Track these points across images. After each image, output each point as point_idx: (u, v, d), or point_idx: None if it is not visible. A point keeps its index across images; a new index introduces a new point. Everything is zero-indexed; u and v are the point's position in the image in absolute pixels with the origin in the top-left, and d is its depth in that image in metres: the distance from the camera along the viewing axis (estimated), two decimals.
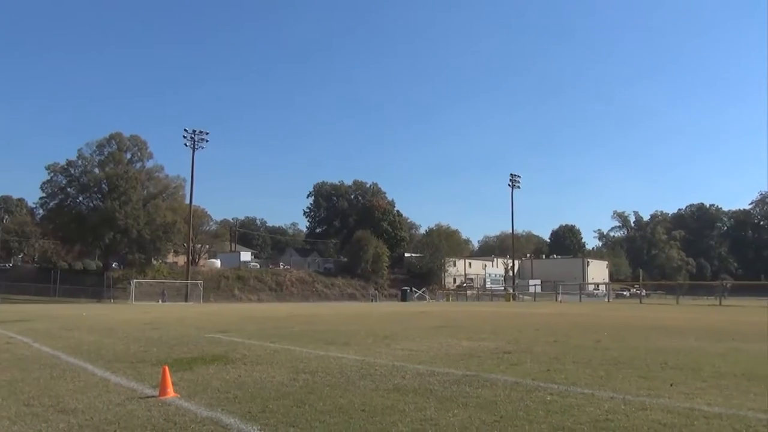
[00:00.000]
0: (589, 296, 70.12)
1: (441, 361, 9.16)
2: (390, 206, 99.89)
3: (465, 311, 30.77)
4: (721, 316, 24.22)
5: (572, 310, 31.72)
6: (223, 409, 5.68)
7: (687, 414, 5.32)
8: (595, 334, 14.01)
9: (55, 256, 74.56)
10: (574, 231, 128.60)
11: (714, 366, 8.37)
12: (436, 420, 5.14)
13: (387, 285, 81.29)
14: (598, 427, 4.88)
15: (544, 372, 7.87)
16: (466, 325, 18.38)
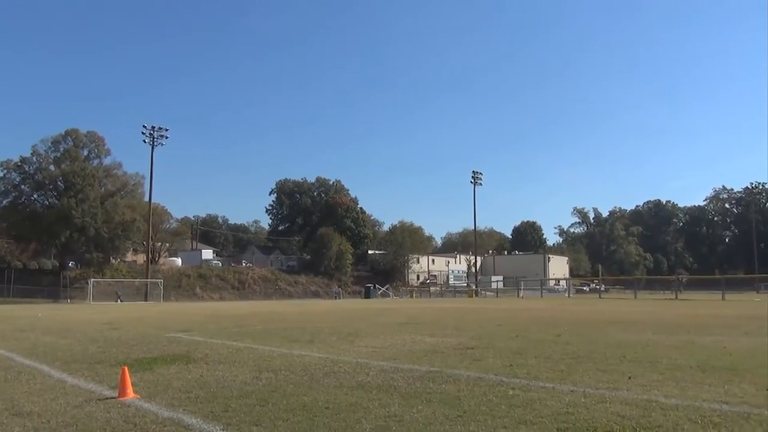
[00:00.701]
0: (550, 292, 71.20)
1: (405, 357, 9.19)
2: (353, 203, 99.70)
3: (428, 308, 30.95)
4: (677, 310, 24.84)
5: (534, 306, 32.17)
6: (184, 409, 5.60)
7: (645, 406, 5.45)
8: (555, 329, 14.24)
9: (8, 255, 72.46)
10: (536, 227, 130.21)
11: (670, 358, 8.59)
12: (400, 416, 5.15)
13: (350, 282, 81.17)
14: (559, 420, 4.95)
15: (507, 367, 7.97)
16: (429, 321, 18.48)
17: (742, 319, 18.37)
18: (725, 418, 4.95)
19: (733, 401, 5.60)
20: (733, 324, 15.96)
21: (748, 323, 16.25)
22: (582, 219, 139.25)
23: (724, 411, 5.20)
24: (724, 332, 13.19)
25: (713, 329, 14.14)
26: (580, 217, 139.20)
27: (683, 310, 24.40)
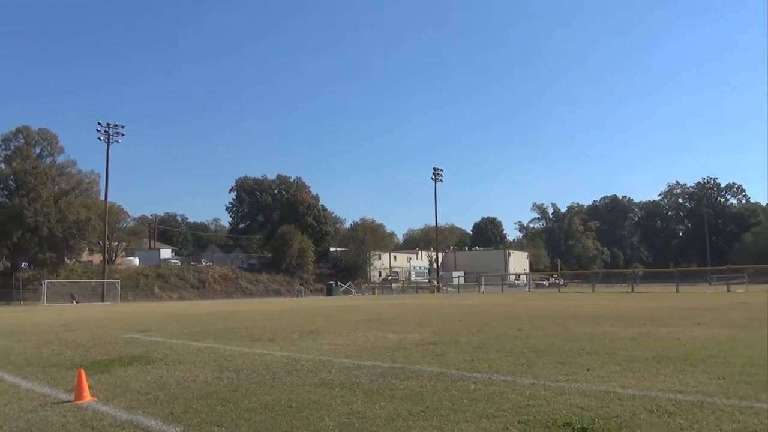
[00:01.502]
0: (511, 286, 72.11)
1: (367, 354, 9.20)
2: (314, 201, 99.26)
3: (390, 304, 31.02)
4: (633, 303, 25.42)
5: (494, 301, 32.54)
6: (143, 411, 5.50)
7: (603, 397, 5.56)
8: (516, 324, 14.42)
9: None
10: (496, 223, 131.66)
11: (627, 350, 8.78)
12: (363, 413, 5.15)
13: (312, 280, 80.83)
14: (520, 413, 5.02)
15: (468, 362, 8.04)
16: (391, 317, 18.53)
17: (695, 310, 18.89)
18: (680, 407, 5.08)
19: (687, 390, 5.76)
20: (687, 315, 16.41)
21: (701, 314, 16.72)
22: (541, 214, 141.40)
23: (679, 400, 5.34)
24: (678, 324, 13.54)
25: (668, 321, 14.50)
26: (540, 213, 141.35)
27: (639, 303, 24.98)
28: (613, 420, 4.69)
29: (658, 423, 4.58)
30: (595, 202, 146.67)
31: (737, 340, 9.78)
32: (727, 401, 5.26)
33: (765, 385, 5.92)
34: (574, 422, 4.61)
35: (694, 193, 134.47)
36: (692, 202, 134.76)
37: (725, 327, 12.49)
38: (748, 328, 12.24)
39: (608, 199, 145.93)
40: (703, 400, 5.30)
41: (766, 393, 5.55)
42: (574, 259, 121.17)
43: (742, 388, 5.79)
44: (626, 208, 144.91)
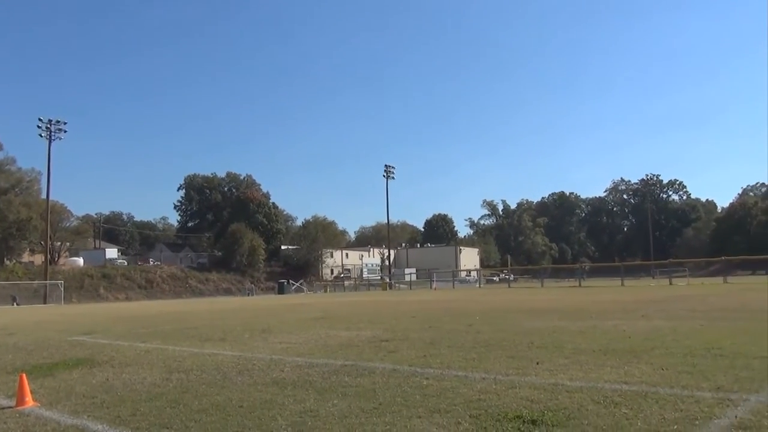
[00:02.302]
0: (462, 282, 72.91)
1: (319, 352, 9.17)
2: (265, 198, 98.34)
3: (342, 302, 30.98)
4: (580, 297, 26.02)
5: (446, 297, 32.84)
6: (89, 415, 5.35)
7: (551, 389, 5.67)
8: (467, 319, 14.58)
9: None
10: (447, 220, 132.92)
11: (575, 343, 8.98)
12: (315, 411, 5.13)
13: (264, 278, 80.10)
14: (472, 407, 5.08)
15: (421, 358, 8.09)
16: (343, 315, 18.51)
17: (639, 303, 19.44)
18: (625, 397, 5.22)
19: (632, 381, 5.92)
20: (632, 308, 16.87)
21: (645, 307, 17.21)
22: (491, 211, 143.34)
23: (624, 391, 5.48)
24: (623, 317, 13.91)
25: (613, 314, 14.89)
26: (490, 210, 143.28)
27: (586, 297, 25.59)
28: (562, 412, 4.79)
29: (605, 413, 4.70)
30: (543, 199, 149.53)
31: (679, 332, 10.11)
32: (670, 391, 5.43)
33: (705, 374, 6.13)
34: (524, 415, 4.68)
35: (638, 190, 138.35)
36: (636, 198, 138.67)
37: (668, 319, 12.90)
38: (689, 319, 12.66)
39: (556, 196, 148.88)
40: (647, 390, 5.46)
41: (706, 382, 5.75)
42: (524, 254, 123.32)
43: (683, 378, 5.99)
44: (573, 205, 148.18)
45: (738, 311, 14.65)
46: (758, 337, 8.94)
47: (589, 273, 66.88)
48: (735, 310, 14.97)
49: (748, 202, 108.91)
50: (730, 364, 6.65)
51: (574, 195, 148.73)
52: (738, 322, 11.78)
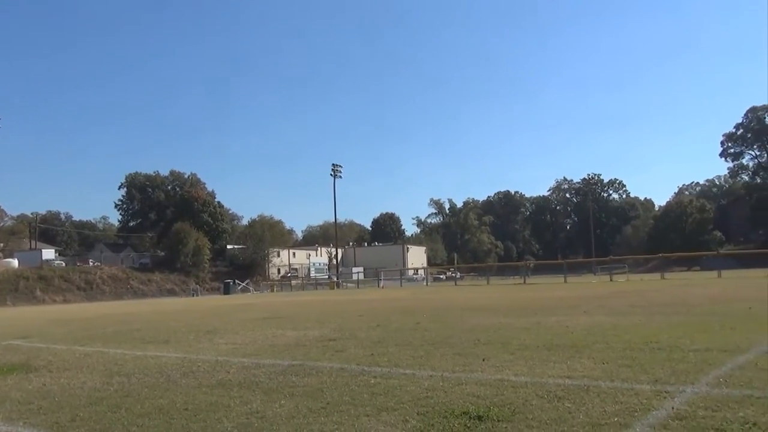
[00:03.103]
0: (409, 281, 73.34)
1: (266, 352, 9.07)
2: (210, 197, 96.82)
3: (290, 301, 30.74)
4: (525, 294, 26.49)
5: (393, 295, 32.94)
6: (25, 422, 5.16)
7: (497, 385, 5.76)
8: (415, 317, 14.65)
9: None
10: (394, 218, 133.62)
11: (520, 339, 9.13)
12: (262, 412, 5.07)
13: (209, 278, 78.80)
14: (419, 404, 5.11)
15: (368, 356, 8.09)
16: (291, 315, 18.36)
17: (581, 299, 19.92)
18: (568, 391, 5.34)
19: (575, 376, 6.06)
20: (574, 304, 17.26)
21: (586, 303, 17.63)
22: (438, 210, 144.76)
23: (567, 385, 5.61)
24: (566, 312, 14.22)
25: (557, 310, 15.20)
26: (437, 208, 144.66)
27: (531, 294, 26.06)
28: (507, 407, 4.86)
29: (549, 407, 4.79)
30: (489, 198, 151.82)
31: (619, 327, 10.39)
32: (611, 384, 5.59)
33: (644, 367, 6.33)
34: (471, 411, 4.74)
35: (580, 189, 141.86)
36: (578, 197, 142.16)
37: (608, 314, 13.24)
38: (628, 314, 13.03)
39: (501, 195, 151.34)
40: (589, 384, 5.60)
41: (645, 375, 5.93)
42: (470, 252, 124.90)
43: (623, 371, 6.16)
44: (518, 203, 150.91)
45: (674, 306, 15.16)
46: (693, 331, 9.28)
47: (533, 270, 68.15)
48: (672, 305, 15.49)
49: (684, 200, 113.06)
50: (667, 357, 6.88)
51: (518, 194, 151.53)
52: (674, 316, 12.19)
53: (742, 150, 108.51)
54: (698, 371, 6.02)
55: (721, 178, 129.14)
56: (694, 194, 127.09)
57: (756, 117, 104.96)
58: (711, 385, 5.40)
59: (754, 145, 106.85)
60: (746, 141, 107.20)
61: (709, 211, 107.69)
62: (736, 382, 5.45)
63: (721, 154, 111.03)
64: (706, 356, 6.87)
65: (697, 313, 12.82)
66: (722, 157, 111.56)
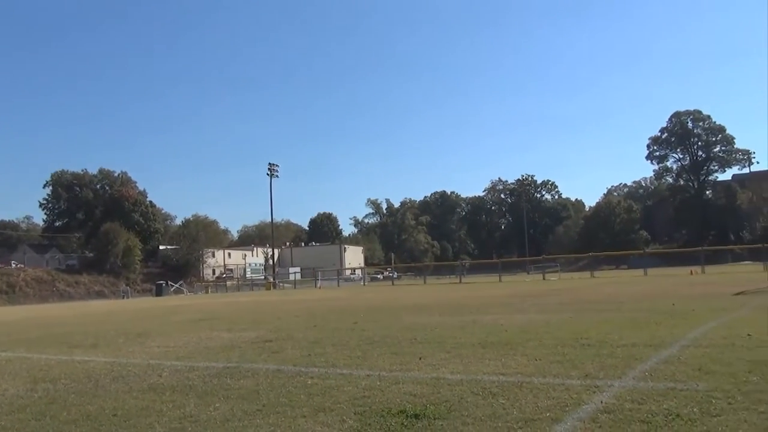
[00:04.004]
0: (347, 281, 73.29)
1: (200, 355, 8.89)
2: (141, 196, 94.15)
3: (225, 302, 30.25)
4: (461, 293, 26.88)
5: (331, 295, 32.86)
6: None
7: (434, 383, 5.81)
8: (352, 317, 14.66)
9: None
10: (332, 218, 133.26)
11: (455, 338, 9.26)
12: (196, 416, 4.97)
13: (140, 280, 76.62)
14: (356, 404, 5.11)
15: (305, 357, 8.04)
16: (226, 316, 18.08)
17: (515, 297, 20.35)
18: (502, 388, 5.45)
19: (508, 372, 6.19)
20: (509, 303, 17.63)
21: (520, 301, 18.04)
22: (375, 210, 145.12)
23: (502, 382, 5.72)
24: (501, 311, 14.50)
25: (492, 309, 15.49)
26: (374, 208, 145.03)
27: (466, 293, 26.47)
28: (443, 404, 4.92)
29: (483, 404, 4.88)
30: (426, 198, 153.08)
31: (551, 324, 10.67)
32: (543, 380, 5.73)
33: (574, 363, 6.52)
34: (408, 409, 4.77)
35: (514, 189, 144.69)
36: (513, 197, 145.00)
37: (541, 312, 13.58)
38: (560, 312, 13.40)
39: (438, 195, 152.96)
40: (523, 380, 5.72)
41: (575, 370, 6.11)
42: (407, 252, 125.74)
43: (555, 367, 6.33)
44: (454, 203, 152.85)
45: (604, 303, 15.69)
46: (621, 327, 9.62)
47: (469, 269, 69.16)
48: (601, 303, 16.03)
49: (612, 201, 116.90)
50: (596, 353, 7.10)
51: (455, 194, 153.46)
52: (603, 313, 12.61)
53: (667, 153, 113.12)
54: (625, 366, 6.24)
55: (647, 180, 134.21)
56: (622, 195, 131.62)
57: (679, 122, 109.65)
58: (637, 378, 5.62)
59: (678, 148, 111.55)
60: (670, 145, 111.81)
61: (636, 212, 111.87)
62: (660, 376, 5.69)
63: (647, 157, 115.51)
64: (633, 351, 7.14)
65: (625, 309, 13.31)
66: (648, 160, 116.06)
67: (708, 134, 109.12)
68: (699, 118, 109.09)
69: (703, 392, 4.91)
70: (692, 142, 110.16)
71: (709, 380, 5.35)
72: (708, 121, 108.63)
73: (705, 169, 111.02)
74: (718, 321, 9.98)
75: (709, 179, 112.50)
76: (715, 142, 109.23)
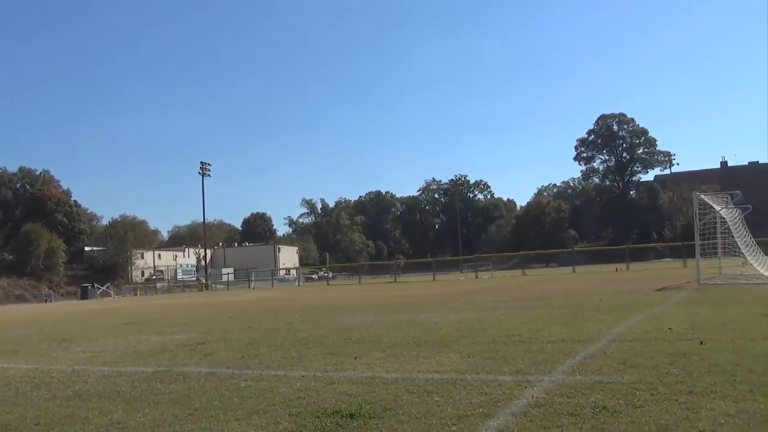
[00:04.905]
0: (281, 281, 72.52)
1: (129, 359, 8.62)
2: (65, 196, 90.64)
3: (155, 305, 29.44)
4: (396, 292, 27.04)
5: (265, 296, 32.47)
6: None
7: (369, 382, 5.82)
8: (287, 318, 14.53)
9: None
10: (266, 218, 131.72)
11: (390, 337, 9.30)
12: (124, 422, 4.81)
13: (64, 283, 73.77)
14: (291, 405, 5.06)
15: (239, 359, 7.92)
16: (156, 319, 17.61)
17: (449, 296, 20.63)
18: (437, 385, 5.51)
19: (443, 370, 6.26)
20: (443, 302, 17.84)
21: (454, 300, 18.29)
22: (310, 209, 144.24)
23: (436, 379, 5.78)
24: (435, 309, 14.66)
25: (426, 307, 15.64)
26: (309, 208, 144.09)
27: (401, 292, 26.65)
28: (378, 404, 4.93)
29: (418, 402, 4.92)
30: (361, 198, 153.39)
31: (484, 321, 10.86)
32: (477, 376, 5.83)
33: (506, 359, 6.65)
34: (343, 409, 4.76)
35: (448, 189, 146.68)
36: (446, 197, 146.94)
37: (474, 310, 13.81)
38: (492, 309, 13.66)
39: (373, 195, 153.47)
40: (456, 378, 5.80)
41: (507, 366, 6.24)
42: (342, 252, 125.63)
43: (488, 364, 6.45)
44: (389, 203, 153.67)
45: (534, 300, 16.09)
46: (551, 323, 9.89)
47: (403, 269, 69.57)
48: (531, 300, 16.43)
49: (542, 201, 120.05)
50: (527, 349, 7.28)
51: (389, 194, 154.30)
52: (534, 310, 12.93)
53: (594, 154, 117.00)
54: (555, 361, 6.42)
55: (576, 180, 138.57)
56: (552, 195, 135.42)
57: (605, 124, 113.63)
58: (566, 373, 5.78)
59: (604, 150, 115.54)
60: (597, 146, 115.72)
61: (565, 211, 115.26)
62: (587, 370, 5.88)
63: (575, 158, 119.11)
64: (562, 347, 7.35)
65: (555, 306, 13.68)
66: (576, 161, 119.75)
67: (632, 136, 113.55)
68: (623, 121, 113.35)
69: (628, 385, 5.10)
70: (617, 144, 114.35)
71: (633, 373, 5.56)
72: (632, 123, 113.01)
73: (629, 170, 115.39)
74: (641, 316, 10.39)
75: (633, 180, 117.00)
76: (639, 144, 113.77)
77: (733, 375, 5.25)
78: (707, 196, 21.27)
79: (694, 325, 8.60)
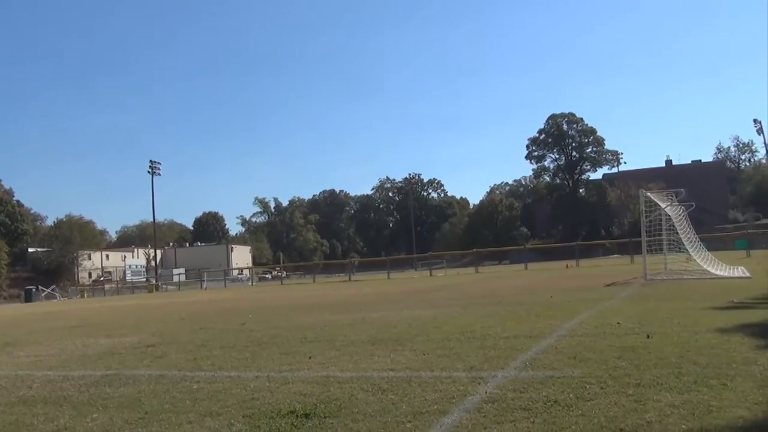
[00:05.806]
0: (234, 281, 71.65)
1: (76, 363, 8.39)
2: (7, 195, 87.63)
3: (103, 307, 28.72)
4: (350, 291, 27.02)
5: (218, 296, 32.04)
6: None
7: (324, 382, 5.81)
8: (240, 318, 14.36)
9: None
10: (218, 218, 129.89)
11: (345, 335, 9.30)
12: (72, 428, 4.69)
13: (6, 285, 71.30)
14: (245, 406, 5.01)
15: (191, 361, 7.79)
16: (104, 321, 17.19)
17: (403, 294, 20.72)
18: (392, 383, 5.52)
19: (397, 368, 6.28)
20: (397, 300, 17.92)
21: (408, 298, 18.39)
22: (263, 208, 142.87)
23: (391, 377, 5.80)
24: (389, 308, 14.71)
25: (381, 306, 15.69)
26: (262, 207, 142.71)
27: (356, 290, 26.63)
28: (333, 402, 4.92)
29: (373, 400, 4.92)
30: (315, 197, 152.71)
31: (438, 319, 10.95)
32: (431, 374, 5.87)
33: (460, 356, 6.72)
34: (298, 409, 4.74)
35: (401, 188, 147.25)
36: (400, 195, 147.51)
37: (428, 308, 13.90)
38: (446, 307, 13.78)
39: (327, 193, 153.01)
40: (411, 375, 5.83)
41: (461, 363, 6.30)
42: (296, 251, 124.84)
43: (442, 361, 6.50)
44: (343, 202, 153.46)
45: (487, 297, 16.28)
46: (503, 320, 10.04)
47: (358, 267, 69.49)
48: (485, 297, 16.63)
49: (495, 199, 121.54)
50: (480, 345, 7.36)
51: (343, 193, 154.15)
52: (487, 307, 13.09)
53: (544, 153, 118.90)
54: (507, 357, 6.51)
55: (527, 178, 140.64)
56: (504, 193, 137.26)
57: (555, 123, 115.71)
58: (518, 368, 5.87)
59: (554, 149, 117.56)
60: (547, 145, 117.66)
61: (517, 209, 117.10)
62: (539, 365, 5.98)
63: (527, 157, 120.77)
64: (515, 343, 7.46)
65: (507, 303, 13.88)
66: (527, 160, 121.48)
67: (581, 136, 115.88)
68: (573, 121, 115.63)
69: (578, 378, 5.21)
70: (567, 143, 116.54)
71: (583, 367, 5.69)
72: (581, 123, 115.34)
73: (579, 168, 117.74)
74: (591, 311, 10.64)
75: (582, 178, 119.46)
76: (588, 144, 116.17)
77: (678, 367, 5.41)
78: (653, 194, 21.89)
79: (641, 320, 8.85)
